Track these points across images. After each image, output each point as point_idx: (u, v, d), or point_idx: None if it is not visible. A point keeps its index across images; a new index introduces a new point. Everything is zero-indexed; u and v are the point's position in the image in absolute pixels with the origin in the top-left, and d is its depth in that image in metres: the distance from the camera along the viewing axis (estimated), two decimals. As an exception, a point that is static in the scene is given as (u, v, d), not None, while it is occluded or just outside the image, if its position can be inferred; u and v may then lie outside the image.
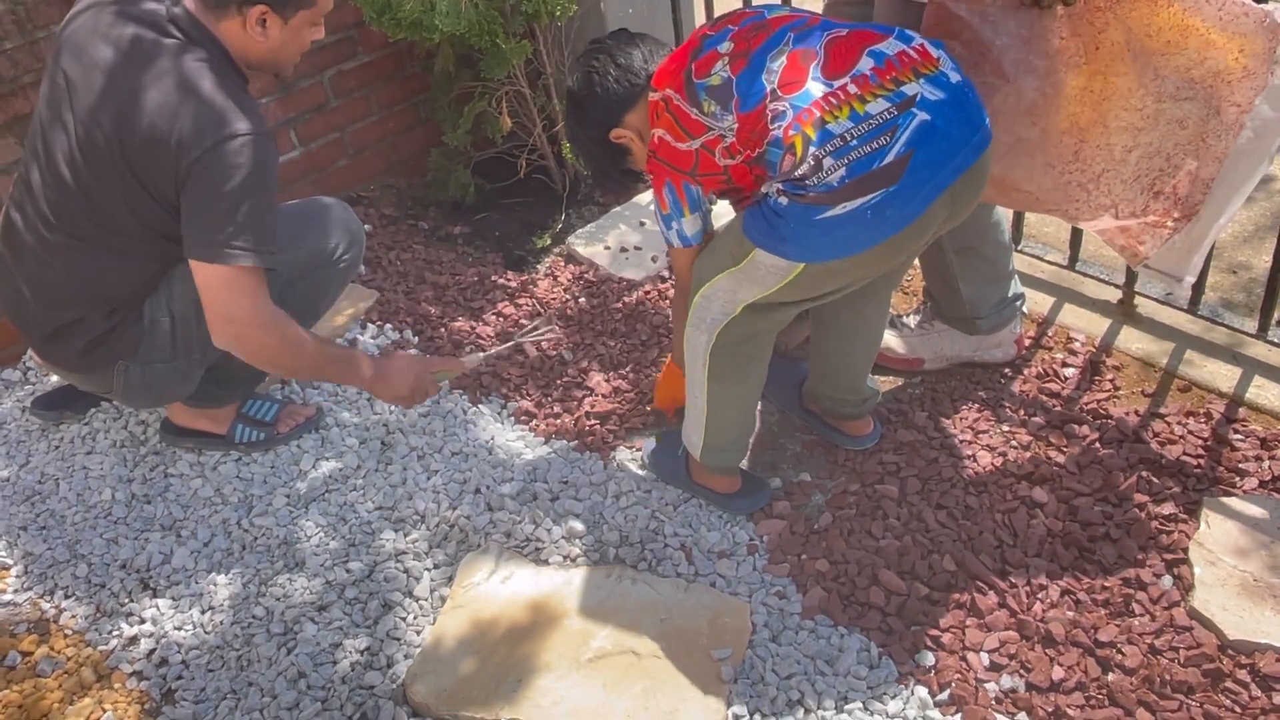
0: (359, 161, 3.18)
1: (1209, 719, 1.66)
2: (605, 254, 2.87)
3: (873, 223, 1.60)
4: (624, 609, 1.89)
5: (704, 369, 1.90)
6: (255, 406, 2.35)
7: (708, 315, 1.84)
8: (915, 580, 1.91)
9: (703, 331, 1.86)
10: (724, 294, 1.80)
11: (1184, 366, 2.30)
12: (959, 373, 2.36)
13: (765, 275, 1.72)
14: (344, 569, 2.03)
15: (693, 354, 1.91)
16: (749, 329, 1.84)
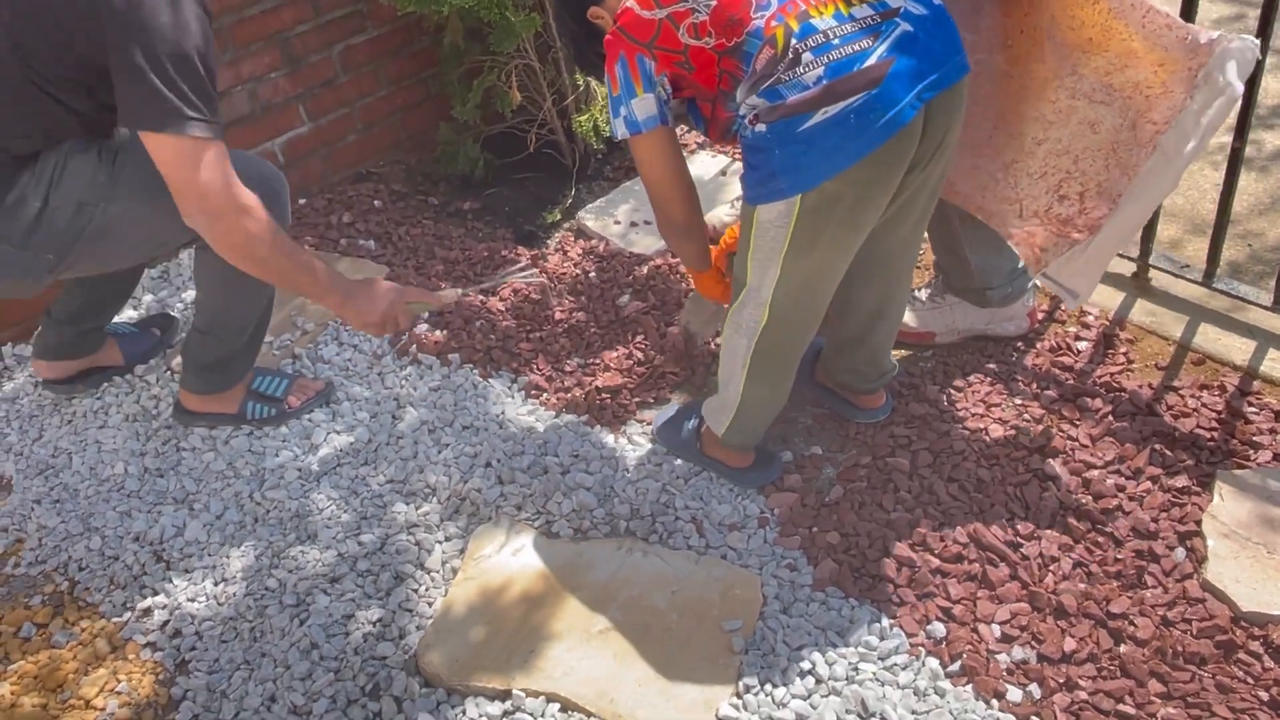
0: (368, 137, 3.17)
1: (1221, 690, 1.66)
2: (615, 228, 2.86)
3: (856, 129, 1.56)
4: (635, 581, 1.90)
5: (743, 370, 1.90)
6: (265, 382, 2.35)
7: (744, 320, 1.84)
8: (926, 552, 1.90)
9: (742, 336, 1.86)
10: (753, 294, 1.80)
11: (1198, 339, 2.28)
12: (971, 346, 2.35)
13: (773, 235, 1.69)
14: (356, 541, 2.04)
15: (731, 354, 1.91)
16: (782, 330, 1.83)
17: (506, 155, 3.16)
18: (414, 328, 2.55)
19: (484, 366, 2.44)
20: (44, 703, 1.85)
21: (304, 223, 2.99)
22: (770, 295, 1.78)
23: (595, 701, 1.71)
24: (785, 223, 1.68)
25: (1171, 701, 1.65)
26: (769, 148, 1.61)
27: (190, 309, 2.63)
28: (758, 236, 1.72)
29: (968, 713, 1.66)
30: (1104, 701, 1.65)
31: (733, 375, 1.93)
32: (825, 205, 1.66)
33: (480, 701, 1.75)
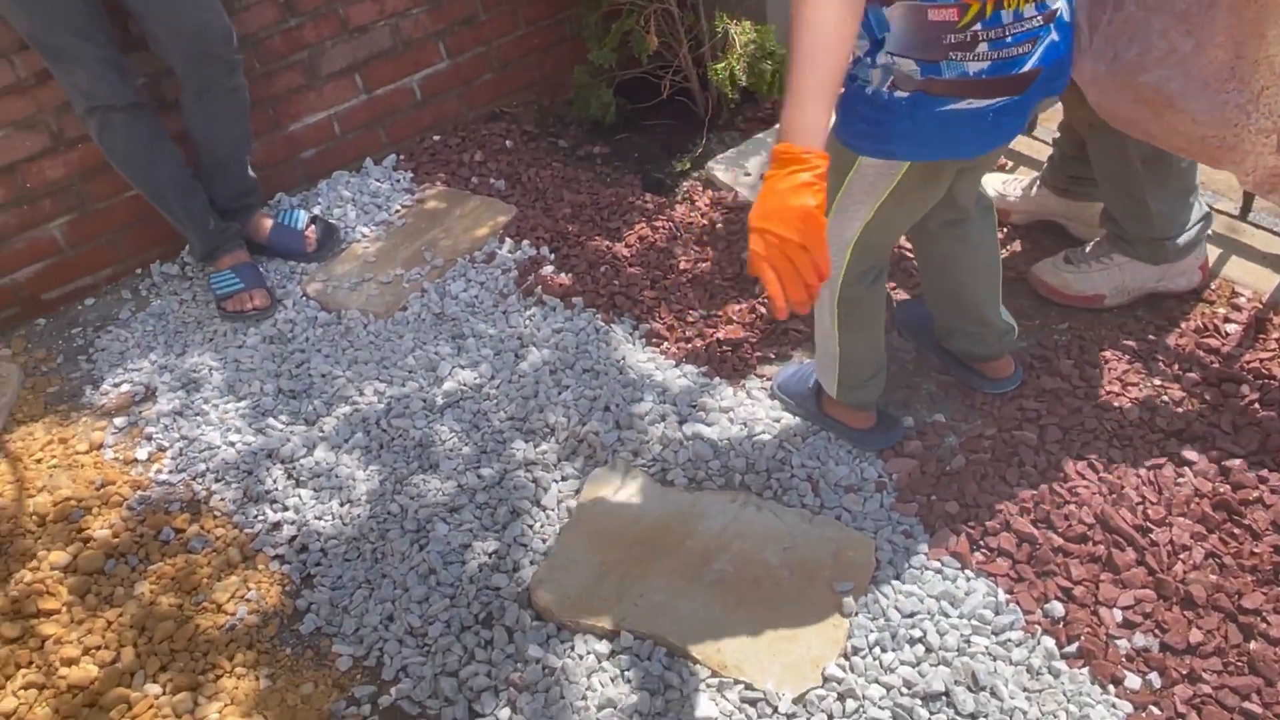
0: (504, 76, 3.19)
1: (1358, 698, 1.58)
2: (745, 180, 2.83)
3: (991, 126, 1.56)
4: (747, 534, 1.90)
5: (833, 319, 1.89)
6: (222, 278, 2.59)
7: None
8: (1049, 530, 1.86)
9: (824, 285, 1.83)
10: (833, 238, 1.76)
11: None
12: (1109, 321, 2.26)
13: (872, 185, 1.66)
14: (475, 474, 2.09)
15: (819, 306, 1.90)
16: (862, 269, 1.82)
17: (639, 101, 3.15)
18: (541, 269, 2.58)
19: (607, 312, 2.45)
20: (179, 603, 1.96)
21: (436, 159, 3.04)
22: (854, 238, 1.75)
23: (702, 649, 1.72)
24: (890, 175, 1.65)
25: (1303, 704, 1.59)
26: (898, 114, 1.57)
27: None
28: (854, 180, 1.69)
29: (1082, 695, 1.62)
30: (1229, 697, 1.60)
31: (825, 329, 1.93)
32: (933, 172, 1.65)
33: (589, 639, 1.78)
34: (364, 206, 2.87)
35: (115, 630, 1.92)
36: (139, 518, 2.13)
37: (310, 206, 2.89)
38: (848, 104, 1.63)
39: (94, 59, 2.32)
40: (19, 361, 2.56)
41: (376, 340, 2.45)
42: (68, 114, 2.50)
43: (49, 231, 2.63)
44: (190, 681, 1.83)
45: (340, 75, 2.89)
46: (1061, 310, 2.30)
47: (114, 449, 2.29)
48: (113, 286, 2.77)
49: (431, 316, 2.49)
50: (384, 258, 2.70)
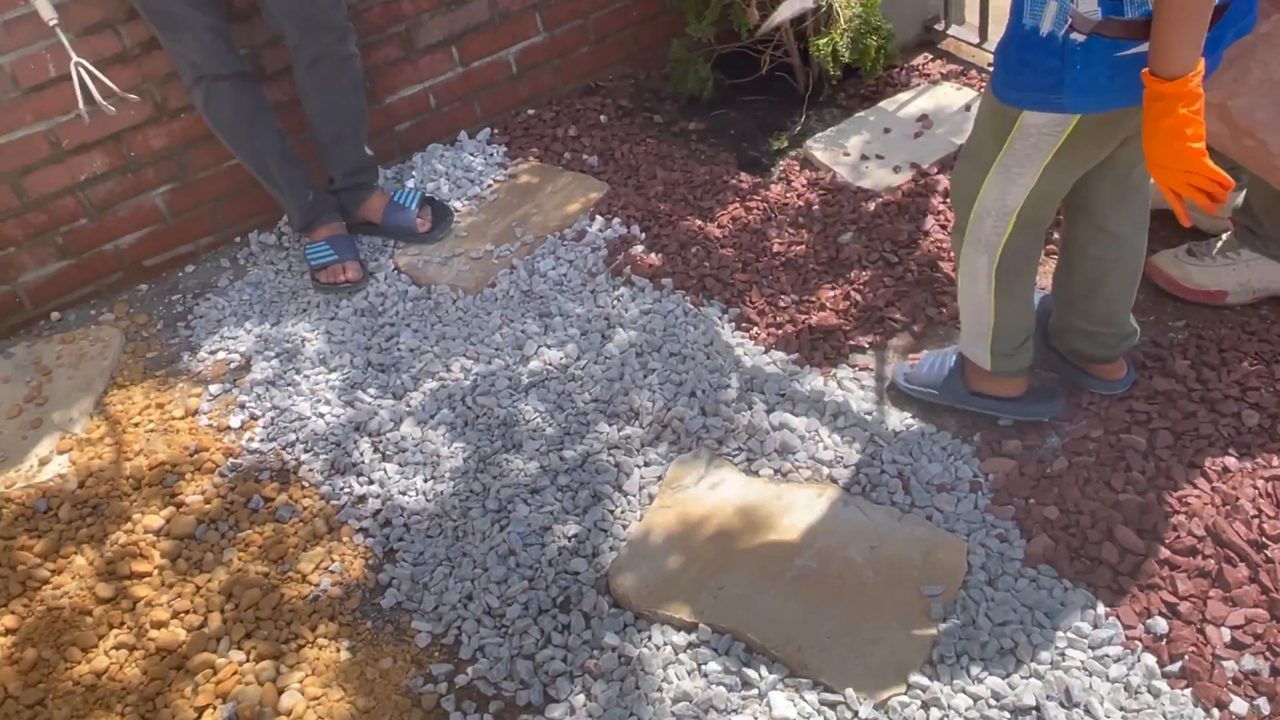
0: (600, 49, 3.15)
1: None
2: (845, 161, 2.74)
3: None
4: (833, 530, 1.84)
5: (989, 288, 1.81)
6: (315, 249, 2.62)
7: (983, 235, 1.75)
8: (1155, 541, 1.76)
9: (982, 252, 1.77)
10: (994, 204, 1.69)
11: None
12: (1230, 320, 2.13)
13: (1036, 145, 1.56)
14: (558, 455, 2.07)
15: (974, 275, 1.82)
16: (1026, 237, 1.74)
17: (737, 77, 3.07)
18: (631, 249, 2.54)
19: (696, 294, 2.41)
20: (266, 572, 1.99)
21: (530, 134, 3.02)
22: (1020, 204, 1.67)
23: (782, 647, 1.68)
24: (1056, 132, 1.55)
25: None
26: (1071, 61, 1.45)
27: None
28: (1016, 140, 1.59)
29: (1183, 717, 1.53)
30: (1348, 732, 1.49)
31: (979, 299, 1.84)
32: (1103, 126, 1.54)
33: (666, 630, 1.75)
34: (457, 181, 2.86)
35: (203, 595, 1.96)
36: (230, 485, 2.17)
37: (404, 179, 2.90)
38: (1011, 51, 1.52)
39: (204, 28, 2.35)
40: (121, 326, 2.63)
41: (465, 316, 2.45)
42: (171, 84, 2.54)
43: (151, 199, 2.69)
44: (273, 650, 1.86)
45: (437, 48, 2.89)
46: (1180, 306, 2.17)
47: (208, 415, 2.34)
48: (211, 255, 2.82)
49: (520, 294, 2.48)
50: (475, 233, 2.69)
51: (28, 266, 2.63)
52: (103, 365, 2.49)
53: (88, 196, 2.61)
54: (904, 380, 2.08)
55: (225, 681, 1.82)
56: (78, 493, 2.18)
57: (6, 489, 2.22)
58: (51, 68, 2.42)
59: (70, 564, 2.05)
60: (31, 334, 2.67)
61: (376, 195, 2.71)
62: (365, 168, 2.70)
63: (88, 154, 2.56)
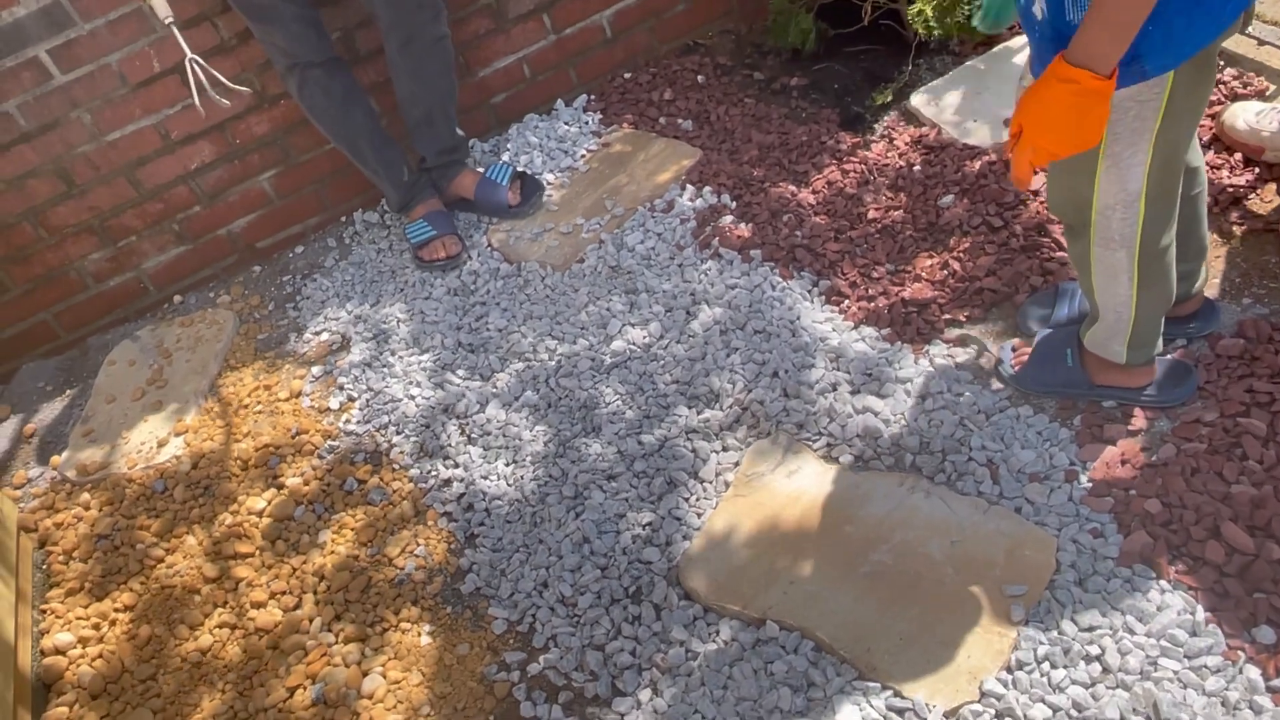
0: (697, 5, 3.05)
1: None
2: (951, 114, 2.57)
3: None
4: (912, 523, 1.76)
5: (1132, 283, 1.65)
6: (415, 228, 2.65)
7: (1114, 231, 1.59)
8: (1269, 539, 1.60)
9: (1118, 249, 1.61)
10: (1116, 196, 1.53)
11: None
12: (1378, 285, 1.91)
13: (1137, 114, 1.42)
14: (636, 440, 2.05)
15: (1112, 274, 1.66)
16: (1160, 214, 1.57)
17: (843, 26, 2.92)
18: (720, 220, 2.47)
19: (785, 266, 2.32)
20: (356, 554, 2.05)
21: (626, 98, 2.96)
22: (1144, 184, 1.51)
23: (851, 647, 1.62)
24: (1156, 97, 1.40)
25: None
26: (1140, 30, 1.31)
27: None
28: (1115, 124, 1.44)
29: (1288, 742, 1.41)
30: None
31: (1119, 294, 1.68)
32: (1198, 70, 1.40)
33: (734, 624, 1.72)
34: (550, 152, 2.84)
35: (299, 577, 2.04)
36: (327, 467, 2.24)
37: (500, 152, 2.89)
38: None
39: (292, 18, 2.39)
40: (235, 309, 2.74)
41: (552, 294, 2.44)
42: (269, 72, 2.60)
43: (259, 184, 2.77)
44: (360, 633, 1.92)
45: (528, 17, 2.85)
46: (1316, 270, 1.96)
47: (310, 397, 2.42)
48: (319, 235, 2.90)
49: (607, 270, 2.45)
50: (566, 206, 2.67)
51: (149, 254, 2.76)
52: (217, 348, 2.60)
53: (199, 184, 2.71)
54: (1012, 379, 1.94)
55: (315, 663, 1.89)
56: (191, 474, 2.30)
57: (129, 469, 2.36)
58: (156, 63, 2.51)
59: (182, 543, 2.17)
60: (156, 317, 2.82)
61: (467, 173, 2.72)
62: (456, 146, 2.70)
63: (195, 144, 2.66)
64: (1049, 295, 2.04)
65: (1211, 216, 2.10)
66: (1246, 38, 2.42)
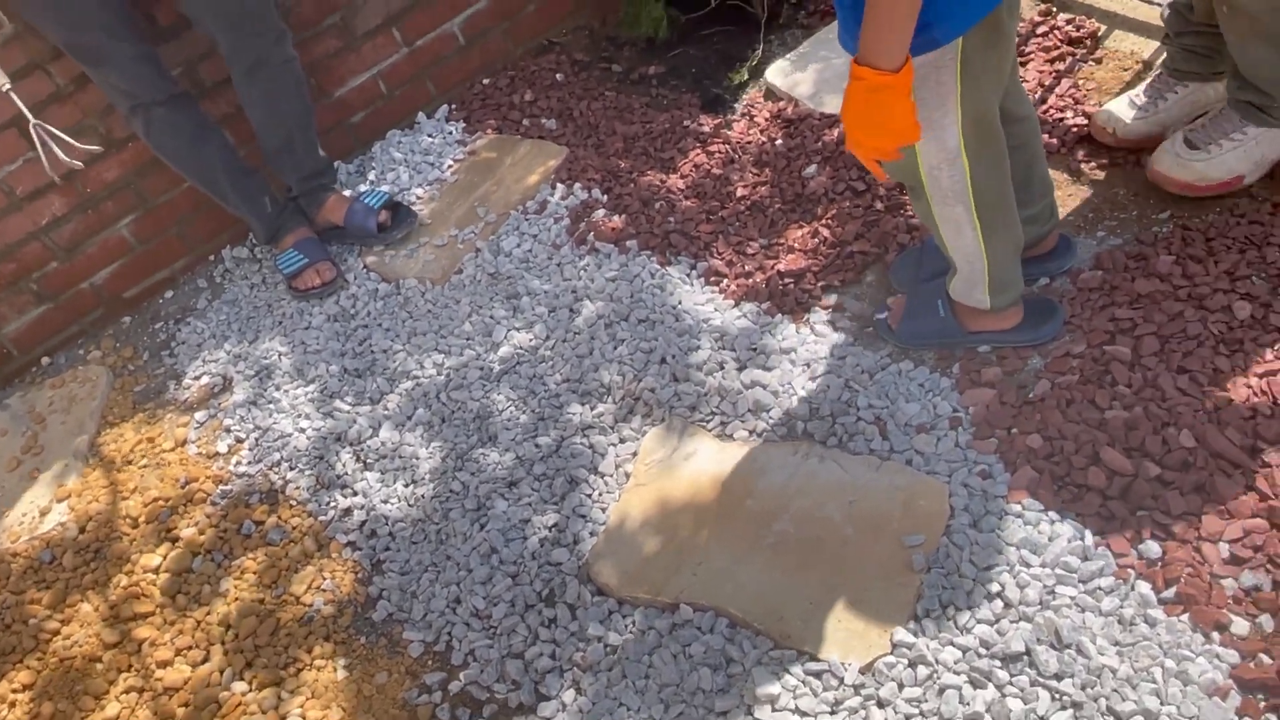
0: (548, 5, 3.04)
1: None
2: (806, 86, 2.62)
3: None
4: (810, 490, 1.79)
5: (976, 233, 1.71)
6: (285, 258, 2.59)
7: (946, 188, 1.65)
8: (1145, 459, 1.67)
9: (953, 203, 1.66)
10: (937, 155, 1.59)
11: None
12: (1218, 203, 2.00)
13: (939, 81, 1.48)
14: (533, 444, 2.04)
15: (956, 226, 1.71)
16: (987, 161, 1.62)
17: (693, 10, 2.95)
18: (593, 215, 2.47)
19: (662, 253, 2.33)
20: (261, 598, 2.00)
21: (487, 104, 2.94)
22: (959, 140, 1.57)
23: (763, 619, 1.64)
24: (951, 63, 1.47)
25: None
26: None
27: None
28: (918, 88, 1.49)
29: (1180, 647, 1.46)
30: (1355, 642, 1.41)
31: (966, 245, 1.74)
32: (988, 31, 1.46)
33: (649, 613, 1.72)
34: (416, 166, 2.81)
35: (204, 629, 1.98)
36: (222, 513, 2.18)
37: (366, 172, 2.85)
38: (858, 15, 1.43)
39: (128, 57, 2.31)
40: (108, 363, 2.65)
41: (434, 309, 2.41)
42: (112, 114, 2.51)
43: (117, 232, 2.68)
44: (274, 677, 1.87)
45: (378, 32, 2.81)
46: (1163, 198, 2.04)
47: (197, 444, 2.35)
48: (188, 277, 2.81)
49: (486, 277, 2.43)
50: (438, 219, 2.64)
51: (8, 317, 2.64)
52: (92, 406, 2.51)
53: (53, 239, 2.61)
54: (905, 339, 1.97)
55: (230, 715, 1.84)
56: (79, 539, 2.21)
57: (12, 544, 2.26)
58: (-10, 119, 2.40)
59: (77, 612, 2.09)
60: (25, 382, 2.70)
61: (336, 197, 2.66)
62: (321, 170, 2.65)
63: (44, 198, 2.55)
64: (917, 251, 2.09)
65: (1059, 156, 2.18)
66: (1074, -18, 2.51)
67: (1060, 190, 2.11)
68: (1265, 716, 1.39)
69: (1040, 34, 2.45)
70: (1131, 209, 2.05)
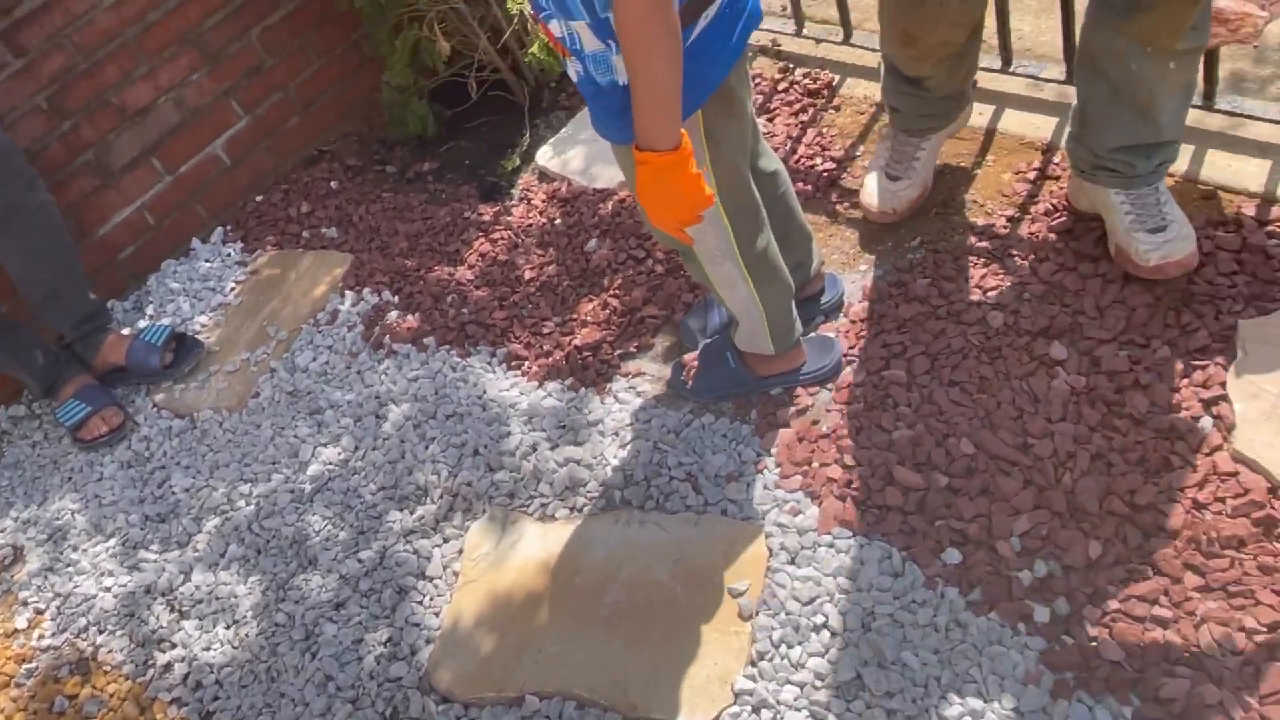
0: (311, 116, 3.03)
1: (1265, 572, 1.53)
2: (578, 163, 2.70)
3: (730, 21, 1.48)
4: (635, 556, 1.82)
5: (749, 286, 1.80)
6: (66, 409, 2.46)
7: (713, 248, 1.72)
8: (933, 471, 1.79)
9: (722, 261, 1.75)
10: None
11: (1206, 170, 2.07)
12: (959, 224, 2.17)
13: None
14: (356, 560, 2.00)
15: (729, 283, 1.80)
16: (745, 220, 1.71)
17: (457, 104, 3.00)
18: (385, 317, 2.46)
19: (461, 345, 2.35)
20: (84, 777, 1.87)
21: (263, 221, 2.90)
22: (718, 203, 1.66)
23: (608, 694, 1.65)
24: (696, 131, 1.56)
25: (1211, 595, 1.53)
26: None
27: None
28: None
29: (993, 644, 1.56)
30: (1137, 607, 1.54)
31: (742, 298, 1.83)
32: (723, 101, 1.56)
33: (497, 710, 1.71)
34: (196, 294, 2.73)
35: (23, 825, 1.83)
36: (29, 694, 2.03)
37: (144, 307, 2.75)
38: (608, 102, 1.51)
39: None
40: (-122, 555, 2.43)
41: (234, 437, 2.34)
42: None
43: None
44: None
45: (136, 164, 2.73)
46: (911, 228, 2.21)
47: (-9, 625, 2.18)
48: (-39, 446, 2.63)
49: (285, 396, 2.38)
50: (227, 344, 2.57)
51: None
52: None
53: None
54: (698, 395, 2.04)
55: None
56: None
57: None
58: None
59: (-126, 837, 1.89)
60: None
61: (114, 337, 2.56)
62: (94, 313, 2.54)
63: None
64: (702, 307, 2.18)
65: (815, 201, 2.33)
66: (804, 39, 2.70)
67: (820, 232, 2.26)
68: (1076, 693, 1.50)
69: (782, 90, 2.62)
70: (887, 241, 2.21)
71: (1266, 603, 1.50)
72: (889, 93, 2.17)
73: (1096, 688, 1.49)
